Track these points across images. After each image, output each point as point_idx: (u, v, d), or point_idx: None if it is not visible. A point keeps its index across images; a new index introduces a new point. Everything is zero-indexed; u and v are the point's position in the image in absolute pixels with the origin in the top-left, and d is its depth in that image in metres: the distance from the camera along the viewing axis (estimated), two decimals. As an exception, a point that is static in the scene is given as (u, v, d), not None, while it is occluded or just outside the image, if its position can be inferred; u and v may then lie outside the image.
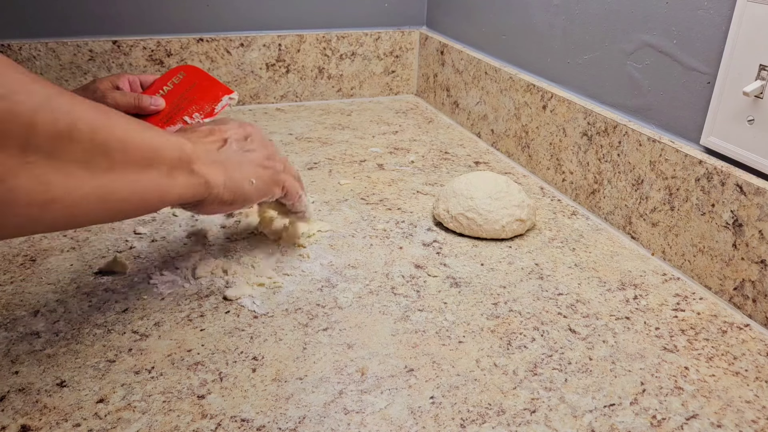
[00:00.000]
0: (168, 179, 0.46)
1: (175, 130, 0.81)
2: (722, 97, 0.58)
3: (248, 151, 0.55)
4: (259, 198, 0.55)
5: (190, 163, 0.48)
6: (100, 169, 0.40)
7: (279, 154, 0.58)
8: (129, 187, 0.43)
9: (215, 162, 0.51)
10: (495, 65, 0.91)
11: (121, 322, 0.52)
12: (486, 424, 0.43)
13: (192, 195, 0.49)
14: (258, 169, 0.54)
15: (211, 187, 0.50)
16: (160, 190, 0.46)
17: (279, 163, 0.57)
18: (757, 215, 0.54)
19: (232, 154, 0.53)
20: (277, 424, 0.43)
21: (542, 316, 0.55)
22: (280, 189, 0.57)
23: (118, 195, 0.42)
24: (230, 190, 0.52)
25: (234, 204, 0.53)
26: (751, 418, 0.45)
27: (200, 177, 0.49)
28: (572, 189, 0.77)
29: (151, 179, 0.45)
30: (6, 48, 0.91)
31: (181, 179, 0.47)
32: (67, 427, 0.42)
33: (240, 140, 0.55)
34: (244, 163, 0.54)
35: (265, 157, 0.56)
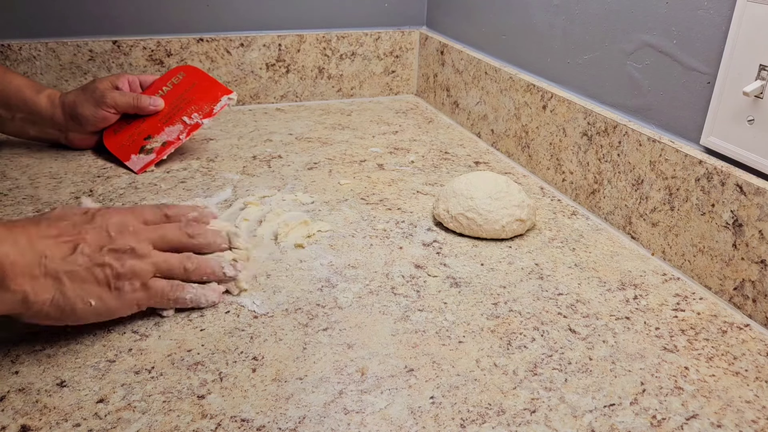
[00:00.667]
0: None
1: (174, 130, 0.81)
2: (722, 97, 0.58)
3: (99, 265, 0.47)
4: (97, 319, 0.49)
5: (4, 279, 0.42)
6: None
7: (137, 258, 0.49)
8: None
9: (51, 275, 0.45)
10: (495, 65, 0.91)
11: (121, 322, 0.52)
12: (486, 424, 0.43)
13: (4, 311, 0.44)
14: (103, 291, 0.47)
15: (30, 304, 0.44)
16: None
17: (135, 280, 0.49)
18: (757, 215, 0.54)
19: (77, 265, 0.46)
20: (277, 424, 0.43)
21: (542, 316, 0.55)
22: (132, 309, 0.50)
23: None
24: (58, 307, 0.46)
25: (61, 321, 0.47)
26: (751, 418, 0.45)
27: (15, 294, 0.43)
28: (572, 189, 0.77)
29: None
30: (6, 48, 0.91)
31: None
32: (67, 427, 0.42)
33: (95, 249, 0.47)
34: (88, 280, 0.47)
35: (116, 276, 0.48)
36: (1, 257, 0.42)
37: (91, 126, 0.81)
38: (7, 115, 0.80)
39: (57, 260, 0.45)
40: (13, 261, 0.43)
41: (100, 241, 0.48)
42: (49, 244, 0.46)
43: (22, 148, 0.85)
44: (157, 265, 0.51)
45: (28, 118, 0.81)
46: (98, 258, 0.47)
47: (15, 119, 0.81)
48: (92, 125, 0.81)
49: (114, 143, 0.82)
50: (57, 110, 0.80)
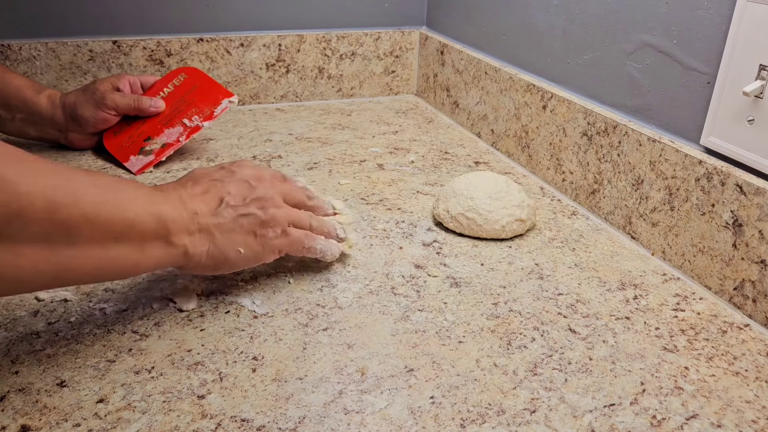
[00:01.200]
0: (139, 253, 0.44)
1: (174, 132, 0.81)
2: (722, 97, 0.58)
3: (243, 215, 0.51)
4: (247, 265, 0.53)
5: (168, 234, 0.46)
6: (60, 245, 0.39)
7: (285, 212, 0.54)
8: (92, 262, 0.41)
9: (203, 229, 0.49)
10: (495, 65, 0.91)
11: (121, 322, 0.52)
12: (486, 424, 0.43)
13: (169, 264, 0.48)
14: (249, 238, 0.51)
15: (191, 256, 0.48)
16: (129, 264, 0.44)
17: (277, 227, 0.53)
18: (757, 215, 0.54)
19: (225, 220, 0.50)
20: (277, 424, 0.43)
21: (542, 316, 0.55)
22: (274, 255, 0.54)
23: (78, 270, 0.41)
24: (213, 257, 0.50)
25: (217, 270, 0.51)
26: (751, 418, 0.45)
27: (178, 247, 0.47)
28: (572, 189, 0.77)
29: (120, 254, 0.43)
30: (6, 48, 0.91)
31: (154, 251, 0.45)
32: (67, 427, 0.42)
33: (238, 202, 0.51)
34: (236, 231, 0.50)
35: (260, 224, 0.52)
36: (165, 217, 0.45)
37: (91, 127, 0.81)
38: (7, 116, 0.80)
39: (207, 215, 0.49)
40: (174, 219, 0.46)
41: (242, 192, 0.52)
42: (197, 202, 0.49)
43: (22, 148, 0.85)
44: (290, 216, 0.54)
45: (28, 119, 0.81)
46: (242, 209, 0.51)
47: (15, 119, 0.81)
48: (92, 126, 0.81)
49: (114, 144, 0.82)
50: (57, 111, 0.80)
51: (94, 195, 0.41)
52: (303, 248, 0.56)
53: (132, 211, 0.43)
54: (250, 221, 0.51)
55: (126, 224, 0.42)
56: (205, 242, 0.49)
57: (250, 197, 0.52)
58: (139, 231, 0.44)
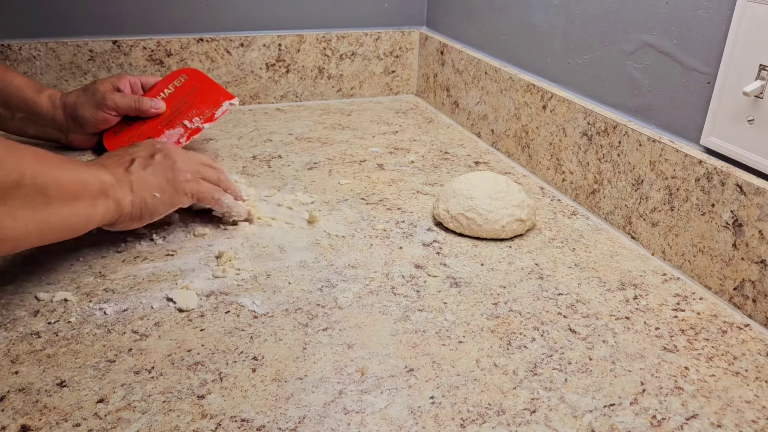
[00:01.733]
0: (92, 208, 0.54)
1: (174, 133, 0.81)
2: (722, 97, 0.58)
3: (153, 167, 0.61)
4: (166, 209, 0.61)
5: (106, 189, 0.56)
6: (40, 206, 0.48)
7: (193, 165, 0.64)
8: (62, 219, 0.51)
9: (123, 182, 0.58)
10: (495, 65, 0.91)
11: (121, 322, 0.52)
12: (486, 424, 0.43)
13: (110, 217, 0.56)
14: (161, 182, 0.60)
15: (122, 206, 0.57)
16: (87, 217, 0.54)
17: (186, 173, 0.62)
18: (757, 215, 0.54)
19: (137, 172, 0.59)
20: (277, 424, 0.43)
21: (542, 316, 0.55)
22: (187, 197, 0.63)
23: (53, 226, 0.51)
24: (137, 206, 0.58)
25: (143, 218, 0.60)
26: (751, 418, 0.45)
27: (114, 201, 0.56)
28: (572, 189, 0.77)
29: (79, 209, 0.53)
30: (6, 48, 0.91)
31: (100, 206, 0.55)
32: (67, 427, 0.42)
33: (146, 158, 0.61)
34: (149, 179, 0.60)
35: (169, 169, 0.61)
36: (100, 176, 0.56)
37: (91, 127, 0.81)
38: (8, 115, 0.80)
39: (123, 173, 0.59)
40: (107, 179, 0.56)
41: (149, 151, 0.63)
42: (114, 165, 0.59)
43: (22, 148, 0.85)
44: (199, 168, 0.64)
45: (29, 118, 0.81)
46: (151, 160, 0.61)
47: (15, 119, 0.81)
48: (92, 127, 0.81)
49: (113, 144, 0.82)
50: (57, 111, 0.80)
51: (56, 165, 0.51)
52: (212, 198, 0.64)
53: (81, 174, 0.54)
54: (162, 167, 0.61)
55: (80, 184, 0.53)
56: (128, 193, 0.58)
57: (158, 153, 0.62)
58: (89, 189, 0.54)
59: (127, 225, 0.59)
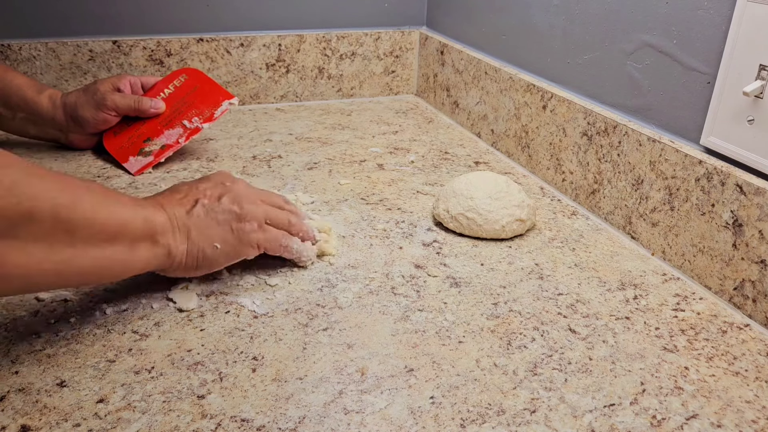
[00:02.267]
0: (130, 253, 0.47)
1: (174, 133, 0.81)
2: (722, 97, 0.58)
3: (218, 212, 0.53)
4: (227, 261, 0.55)
5: (154, 234, 0.49)
6: (61, 245, 0.42)
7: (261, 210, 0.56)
8: (89, 262, 0.44)
9: (181, 228, 0.51)
10: (495, 65, 0.91)
11: (121, 322, 0.52)
12: (486, 424, 0.43)
13: (156, 265, 0.50)
14: (224, 232, 0.53)
15: (173, 256, 0.51)
16: (122, 264, 0.47)
17: (253, 221, 0.55)
18: (757, 215, 0.54)
19: (200, 217, 0.53)
20: (277, 424, 0.43)
21: (542, 316, 0.55)
22: (253, 249, 0.56)
23: (77, 269, 0.44)
24: (193, 256, 0.52)
25: (199, 269, 0.53)
26: (751, 418, 0.45)
27: (163, 247, 0.50)
28: (572, 189, 0.77)
29: (114, 253, 0.46)
30: (6, 48, 0.91)
31: (143, 252, 0.48)
32: (67, 427, 0.42)
33: (212, 201, 0.54)
34: (212, 227, 0.53)
35: (236, 218, 0.54)
36: (152, 219, 0.49)
37: (91, 128, 0.81)
38: (8, 114, 0.80)
39: (183, 216, 0.52)
40: (158, 222, 0.49)
41: (217, 192, 0.55)
42: (175, 205, 0.52)
43: (23, 148, 0.85)
44: (267, 212, 0.57)
45: (29, 118, 0.81)
46: (217, 205, 0.54)
47: (16, 118, 0.81)
48: (92, 127, 0.81)
49: (113, 145, 0.82)
50: (58, 111, 0.80)
51: (90, 199, 0.44)
52: (280, 246, 0.57)
53: (123, 214, 0.47)
54: (226, 216, 0.54)
55: (119, 225, 0.46)
56: (184, 240, 0.51)
57: (226, 195, 0.55)
58: (130, 232, 0.47)
59: (180, 274, 0.53)
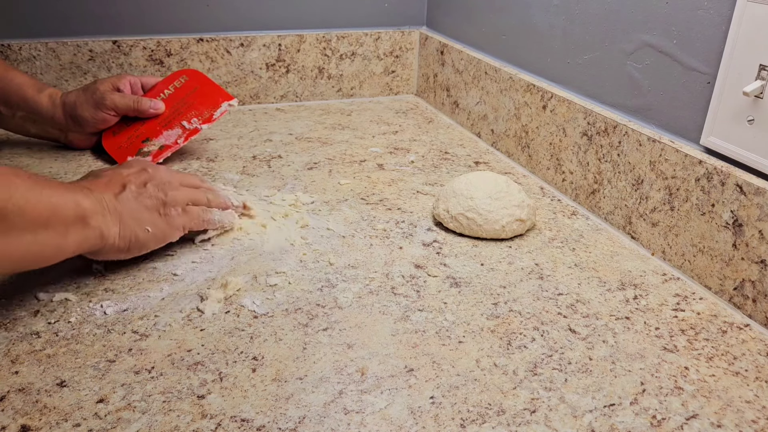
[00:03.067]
0: (63, 237, 0.49)
1: (172, 134, 0.81)
2: (722, 97, 0.58)
3: (146, 197, 0.57)
4: (156, 244, 0.58)
5: (85, 217, 0.51)
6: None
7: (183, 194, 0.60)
8: (24, 248, 0.46)
9: (111, 212, 0.53)
10: (495, 65, 0.91)
11: (121, 322, 0.52)
12: (486, 424, 0.43)
13: (88, 247, 0.52)
14: (155, 218, 0.57)
15: (106, 237, 0.53)
16: (56, 247, 0.49)
17: (177, 206, 0.59)
18: (757, 215, 0.54)
19: (129, 201, 0.55)
20: (277, 424, 0.43)
21: (542, 316, 0.55)
22: (179, 232, 0.60)
23: (14, 255, 0.46)
24: (125, 238, 0.54)
25: (130, 251, 0.56)
26: (751, 418, 0.45)
27: (95, 229, 0.52)
28: (572, 189, 0.77)
29: (47, 238, 0.48)
30: (6, 48, 0.91)
31: (75, 235, 0.50)
32: (67, 427, 0.42)
33: (139, 186, 0.57)
34: (142, 211, 0.56)
35: (162, 204, 0.58)
36: (81, 202, 0.51)
37: (90, 127, 0.81)
38: (8, 113, 0.80)
39: (112, 199, 0.54)
40: (87, 206, 0.51)
41: (141, 178, 0.58)
42: (102, 189, 0.54)
43: (23, 147, 0.85)
44: (188, 196, 0.61)
45: (29, 117, 0.81)
46: (144, 191, 0.57)
47: (16, 117, 0.81)
48: (92, 126, 0.81)
49: (112, 145, 0.82)
50: (57, 110, 0.80)
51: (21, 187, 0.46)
52: (202, 221, 0.62)
53: (53, 199, 0.49)
54: (154, 202, 0.57)
55: (50, 211, 0.48)
56: (116, 223, 0.54)
57: (150, 182, 0.58)
58: (61, 216, 0.49)
59: (111, 256, 0.56)
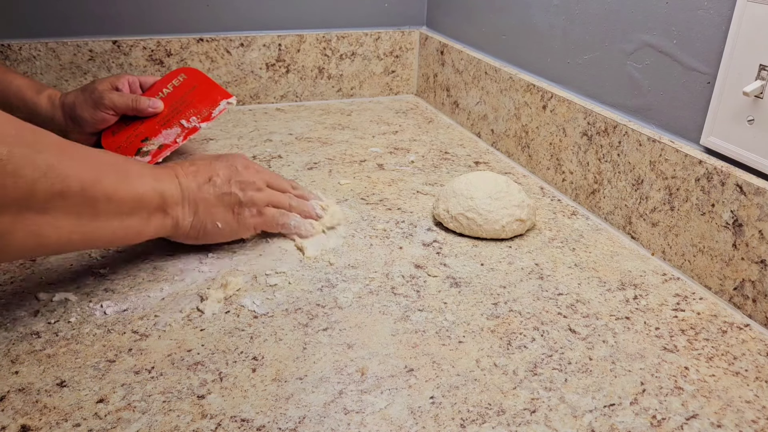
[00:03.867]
0: (145, 223, 0.53)
1: (171, 133, 0.81)
2: (722, 97, 0.58)
3: (225, 194, 0.58)
4: (224, 239, 0.61)
5: (166, 207, 0.54)
6: (87, 218, 0.47)
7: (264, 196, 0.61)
8: (110, 231, 0.50)
9: (190, 202, 0.56)
10: (495, 65, 0.91)
11: (121, 322, 0.52)
12: (486, 424, 0.43)
13: (164, 233, 0.56)
14: (227, 214, 0.59)
15: (180, 227, 0.56)
16: (137, 232, 0.53)
17: (253, 207, 0.60)
18: (757, 215, 0.54)
19: (209, 194, 0.57)
20: (277, 424, 0.43)
21: (542, 316, 0.55)
22: (250, 232, 0.61)
23: (100, 238, 0.50)
24: (196, 229, 0.58)
25: (199, 239, 0.59)
26: (751, 418, 0.45)
27: (172, 219, 0.55)
28: (572, 189, 0.77)
29: (131, 223, 0.51)
30: (6, 48, 0.91)
31: (156, 221, 0.54)
32: (67, 427, 0.42)
33: (225, 181, 0.59)
34: (217, 206, 0.58)
35: (238, 203, 0.59)
36: (164, 191, 0.54)
37: (90, 127, 0.81)
38: (8, 115, 0.80)
39: (194, 190, 0.56)
40: (171, 194, 0.54)
41: (228, 174, 0.59)
42: (189, 178, 0.57)
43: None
44: (270, 197, 0.62)
45: (29, 119, 0.80)
46: (225, 188, 0.59)
47: (15, 119, 0.80)
48: (91, 126, 0.81)
49: (111, 144, 0.82)
50: (57, 111, 0.80)
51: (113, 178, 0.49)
52: (277, 225, 0.62)
53: (140, 189, 0.52)
54: (231, 200, 0.59)
55: (136, 201, 0.51)
56: (191, 214, 0.56)
57: (235, 179, 0.59)
58: (146, 205, 0.52)
59: (181, 240, 0.59)
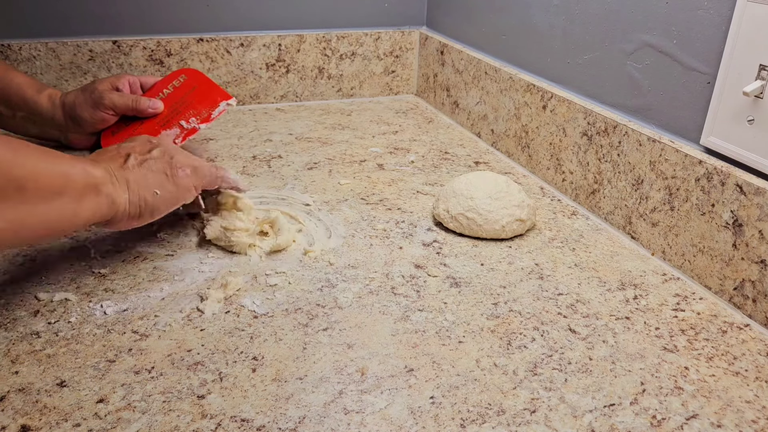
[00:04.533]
0: (76, 205, 0.50)
1: (170, 133, 0.81)
2: (722, 97, 0.58)
3: (151, 162, 0.57)
4: (168, 206, 0.58)
5: (96, 185, 0.51)
6: (13, 202, 0.44)
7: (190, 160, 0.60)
8: (41, 216, 0.47)
9: (119, 180, 0.54)
10: (495, 65, 0.91)
11: (121, 322, 0.52)
12: (486, 424, 0.43)
13: (100, 216, 0.52)
14: (161, 179, 0.57)
15: (117, 205, 0.53)
16: (70, 216, 0.50)
17: (185, 167, 0.59)
18: (757, 215, 0.54)
19: (135, 168, 0.56)
20: (277, 424, 0.43)
21: (542, 316, 0.55)
22: (190, 192, 0.60)
23: (31, 225, 0.46)
24: (135, 204, 0.55)
25: (143, 216, 0.56)
26: (751, 418, 0.45)
27: (106, 197, 0.52)
28: (572, 189, 0.77)
29: (61, 206, 0.48)
30: (6, 48, 0.91)
31: (89, 203, 0.51)
32: (67, 427, 0.42)
33: (142, 153, 0.57)
34: (147, 176, 0.56)
35: (168, 166, 0.58)
36: (93, 173, 0.52)
37: (89, 127, 0.81)
38: (8, 113, 0.80)
39: (118, 168, 0.55)
40: (98, 174, 0.52)
41: (145, 147, 0.59)
42: (107, 161, 0.55)
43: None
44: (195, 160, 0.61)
45: (29, 118, 0.81)
46: (147, 156, 0.57)
47: (16, 118, 0.80)
48: (91, 126, 0.81)
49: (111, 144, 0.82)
50: (57, 111, 0.80)
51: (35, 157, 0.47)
52: (217, 178, 0.62)
53: (64, 166, 0.49)
54: (159, 165, 0.57)
55: (62, 177, 0.49)
56: (124, 190, 0.54)
57: (155, 149, 0.59)
58: (73, 183, 0.49)
59: (125, 224, 0.56)
